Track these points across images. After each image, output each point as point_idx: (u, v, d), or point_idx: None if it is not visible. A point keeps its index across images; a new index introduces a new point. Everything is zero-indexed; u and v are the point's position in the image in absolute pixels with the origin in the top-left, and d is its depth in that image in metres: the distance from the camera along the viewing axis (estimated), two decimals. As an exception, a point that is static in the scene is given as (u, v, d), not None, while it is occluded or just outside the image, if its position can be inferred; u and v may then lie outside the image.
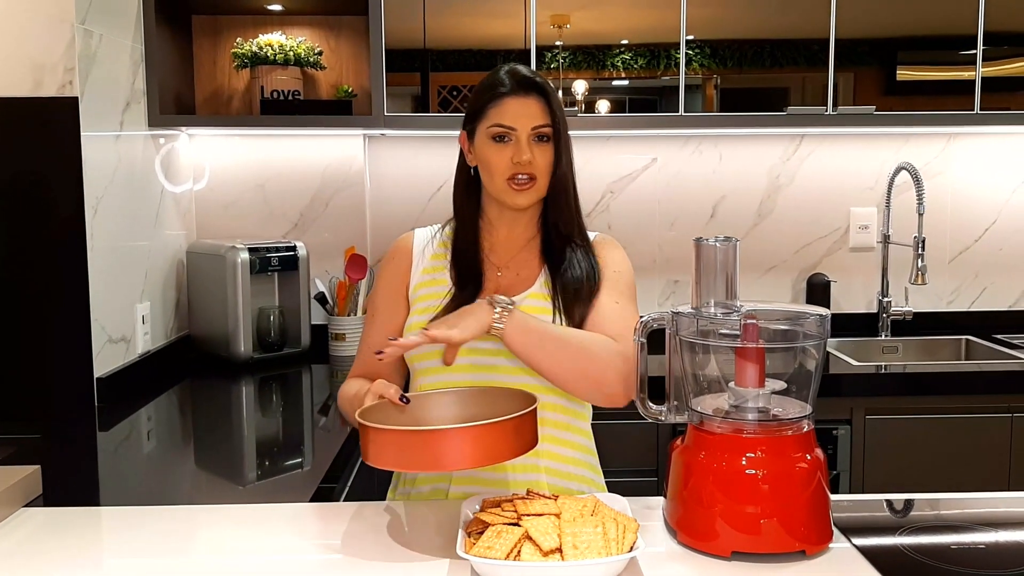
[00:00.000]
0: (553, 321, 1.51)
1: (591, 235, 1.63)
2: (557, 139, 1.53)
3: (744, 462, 1.21)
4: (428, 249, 1.62)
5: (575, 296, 1.53)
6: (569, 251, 1.57)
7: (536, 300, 1.54)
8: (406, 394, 1.38)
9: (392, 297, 1.61)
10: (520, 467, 1.50)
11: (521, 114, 1.51)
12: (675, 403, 1.33)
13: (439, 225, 1.67)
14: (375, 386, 1.38)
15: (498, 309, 1.40)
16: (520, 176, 1.51)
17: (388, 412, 1.36)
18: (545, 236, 1.60)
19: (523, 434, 1.24)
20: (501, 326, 1.40)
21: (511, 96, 1.51)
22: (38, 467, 1.51)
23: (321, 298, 2.88)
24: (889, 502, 1.45)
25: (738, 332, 1.23)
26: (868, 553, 1.22)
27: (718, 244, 1.28)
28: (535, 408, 1.27)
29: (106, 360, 2.25)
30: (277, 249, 2.73)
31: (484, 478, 1.50)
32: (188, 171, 2.90)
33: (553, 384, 1.48)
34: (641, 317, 1.34)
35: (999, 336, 3.00)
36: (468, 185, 1.60)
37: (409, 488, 1.57)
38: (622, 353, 1.44)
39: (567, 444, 1.54)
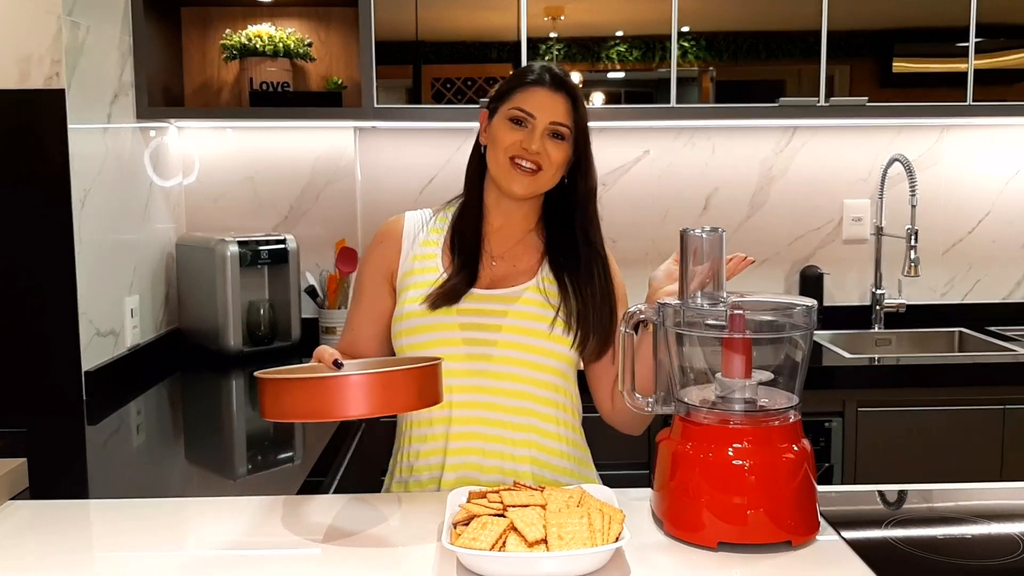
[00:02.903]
0: (553, 323, 1.51)
1: None
2: (580, 145, 1.53)
3: (730, 453, 1.20)
4: (420, 235, 1.61)
5: (596, 319, 1.53)
6: (595, 269, 1.56)
7: (535, 294, 1.53)
8: (341, 360, 1.37)
9: (378, 281, 1.60)
10: (511, 456, 1.51)
11: (545, 106, 1.51)
12: (662, 394, 1.32)
13: (431, 210, 1.65)
14: (316, 351, 1.39)
15: None
16: (524, 162, 1.50)
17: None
18: (551, 236, 1.59)
19: (404, 386, 1.23)
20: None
21: (541, 87, 1.52)
22: (24, 460, 1.50)
23: (311, 291, 2.87)
24: (880, 493, 1.45)
25: (725, 323, 1.22)
26: (855, 544, 1.22)
27: (704, 234, 1.27)
28: (428, 367, 1.26)
29: (94, 353, 2.24)
30: (267, 242, 2.72)
31: (475, 463, 1.51)
32: (177, 163, 2.88)
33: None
34: (628, 308, 1.34)
35: (992, 328, 3.00)
36: (479, 164, 1.59)
37: (407, 476, 1.57)
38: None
39: (554, 437, 1.55)
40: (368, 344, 1.60)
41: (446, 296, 1.51)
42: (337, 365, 1.35)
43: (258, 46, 2.73)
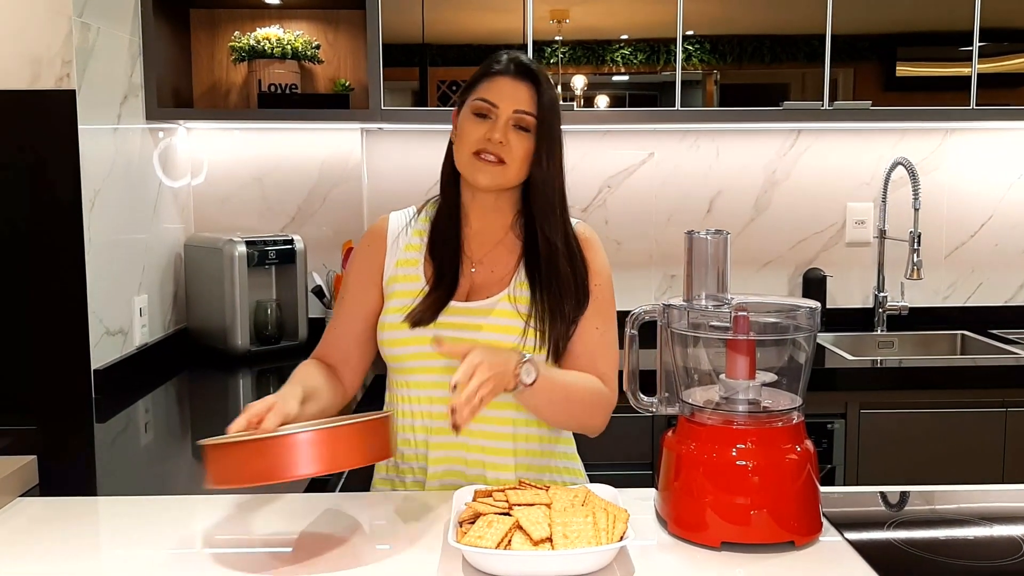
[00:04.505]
0: (524, 333, 1.48)
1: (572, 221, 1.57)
2: (541, 133, 1.48)
3: (734, 453, 1.22)
4: (402, 238, 1.59)
5: (561, 321, 1.50)
6: (557, 264, 1.51)
7: (508, 304, 1.50)
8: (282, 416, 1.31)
9: (364, 283, 1.58)
10: (493, 465, 1.50)
11: (508, 95, 1.48)
12: (666, 395, 1.33)
13: (414, 209, 1.63)
14: (246, 409, 1.31)
15: (526, 373, 1.36)
16: (487, 154, 1.47)
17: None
18: (528, 235, 1.55)
19: (349, 444, 1.19)
20: (525, 386, 1.37)
21: (504, 76, 1.49)
22: (34, 457, 1.51)
23: (318, 291, 2.89)
24: (882, 495, 1.46)
25: (729, 324, 1.24)
26: (858, 545, 1.23)
27: (709, 237, 1.28)
28: (370, 420, 1.21)
29: (103, 352, 2.26)
30: (275, 243, 2.74)
31: (458, 472, 1.50)
32: (186, 164, 2.90)
33: (540, 420, 1.53)
34: (633, 309, 1.35)
35: (994, 331, 3.01)
36: (452, 165, 1.56)
37: (392, 475, 1.58)
38: (611, 402, 1.50)
39: (536, 439, 1.54)
40: (348, 343, 1.58)
41: (426, 313, 1.49)
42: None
43: (266, 48, 2.75)
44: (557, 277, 1.50)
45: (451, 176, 1.57)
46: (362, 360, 1.60)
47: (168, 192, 2.75)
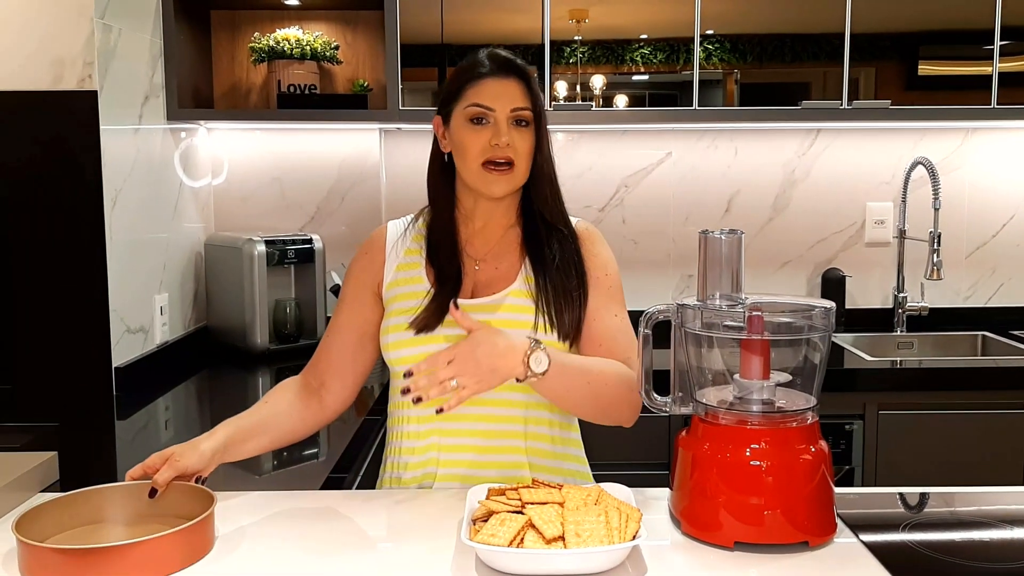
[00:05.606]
0: (535, 324, 1.47)
1: (572, 220, 1.58)
2: (538, 124, 1.49)
3: (748, 453, 1.21)
4: (401, 244, 1.57)
5: (564, 300, 1.48)
6: (555, 244, 1.51)
7: (517, 298, 1.50)
8: (156, 488, 1.32)
9: (361, 291, 1.56)
10: (505, 464, 1.49)
11: (500, 95, 1.46)
12: (680, 395, 1.33)
13: (411, 216, 1.62)
14: (153, 458, 1.34)
15: (536, 363, 1.34)
16: (498, 160, 1.45)
17: (82, 505, 1.31)
18: (527, 226, 1.54)
19: (163, 552, 1.15)
20: (537, 376, 1.35)
21: (490, 77, 1.47)
22: (55, 453, 1.53)
23: (336, 290, 2.90)
24: (900, 496, 1.45)
25: (743, 324, 1.24)
26: (873, 546, 1.22)
27: (724, 236, 1.28)
28: (176, 532, 1.17)
29: (124, 350, 2.28)
30: (294, 242, 2.76)
31: (467, 476, 1.49)
32: (206, 164, 2.93)
33: (563, 409, 1.51)
34: (646, 309, 1.35)
35: (1016, 332, 2.98)
36: (442, 172, 1.55)
37: (401, 472, 1.55)
38: (634, 383, 1.45)
39: (548, 439, 1.53)
40: (342, 354, 1.56)
41: (431, 318, 1.47)
42: (151, 494, 1.31)
43: (286, 49, 2.77)
44: (559, 259, 1.50)
45: (442, 183, 1.55)
46: (355, 373, 1.57)
47: (189, 192, 2.77)
